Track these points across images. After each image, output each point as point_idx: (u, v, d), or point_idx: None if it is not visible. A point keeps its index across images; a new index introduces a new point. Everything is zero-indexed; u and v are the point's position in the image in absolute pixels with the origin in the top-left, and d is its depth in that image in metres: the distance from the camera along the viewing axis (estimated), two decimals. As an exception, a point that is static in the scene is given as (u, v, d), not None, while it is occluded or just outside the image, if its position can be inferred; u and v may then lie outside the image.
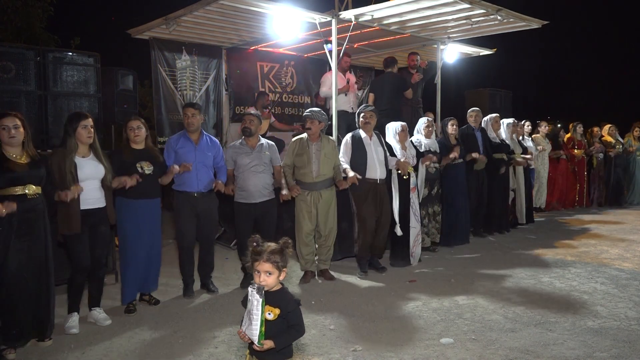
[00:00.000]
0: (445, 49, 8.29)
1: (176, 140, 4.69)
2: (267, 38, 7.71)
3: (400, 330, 3.80)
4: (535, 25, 7.16)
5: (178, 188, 4.65)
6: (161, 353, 3.49)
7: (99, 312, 4.09)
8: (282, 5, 6.10)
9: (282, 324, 2.28)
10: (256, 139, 4.95)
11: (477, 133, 7.07)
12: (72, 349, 3.58)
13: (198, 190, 4.62)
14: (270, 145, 5.04)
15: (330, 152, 5.07)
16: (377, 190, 5.25)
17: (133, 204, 4.29)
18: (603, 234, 7.19)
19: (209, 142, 4.77)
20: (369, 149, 5.26)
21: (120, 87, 5.93)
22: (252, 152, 4.88)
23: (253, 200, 4.85)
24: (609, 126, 10.04)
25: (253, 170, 4.84)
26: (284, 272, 2.35)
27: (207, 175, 4.68)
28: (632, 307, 4.19)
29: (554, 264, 5.59)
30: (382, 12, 6.50)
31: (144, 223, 4.33)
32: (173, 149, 4.63)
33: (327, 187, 5.07)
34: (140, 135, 4.32)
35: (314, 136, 5.05)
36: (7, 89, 4.66)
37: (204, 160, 4.65)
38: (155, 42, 7.57)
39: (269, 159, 4.96)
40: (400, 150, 5.63)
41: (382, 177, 5.28)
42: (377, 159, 5.25)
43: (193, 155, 4.60)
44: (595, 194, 9.69)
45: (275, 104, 8.99)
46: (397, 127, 5.72)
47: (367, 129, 5.33)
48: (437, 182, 6.25)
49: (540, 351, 3.40)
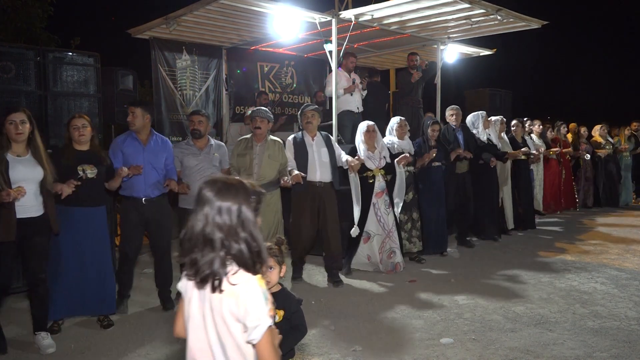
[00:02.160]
0: (445, 49, 8.30)
1: (123, 140, 4.27)
2: (268, 38, 7.71)
3: (401, 330, 3.80)
4: (535, 25, 7.17)
5: (124, 193, 4.26)
6: (161, 353, 3.49)
7: (43, 338, 3.55)
8: (282, 5, 6.10)
9: (287, 325, 2.26)
10: (205, 140, 4.65)
11: (458, 133, 6.61)
12: (72, 349, 3.58)
13: (146, 195, 4.22)
14: (219, 146, 4.76)
15: (275, 154, 4.82)
16: (319, 193, 4.98)
17: (70, 212, 3.78)
18: (603, 234, 7.19)
19: (159, 143, 4.37)
20: (310, 149, 5.03)
21: (120, 87, 5.93)
22: (200, 153, 4.57)
23: None
24: (600, 126, 9.82)
25: (201, 173, 4.47)
26: (284, 268, 2.35)
27: (156, 178, 4.27)
28: (632, 307, 4.19)
29: (554, 264, 5.59)
30: (382, 12, 6.51)
31: (84, 234, 3.84)
32: (120, 149, 4.21)
33: (268, 190, 4.67)
34: (86, 135, 3.86)
35: (261, 137, 4.81)
36: (7, 89, 4.67)
37: (153, 162, 4.25)
38: (155, 41, 7.57)
39: (218, 160, 4.65)
40: (366, 152, 5.33)
41: (324, 179, 5.01)
42: (318, 160, 5.00)
43: (141, 156, 4.19)
44: (581, 195, 9.42)
45: (276, 104, 8.99)
46: (363, 127, 5.45)
47: (309, 129, 5.09)
48: (411, 187, 5.77)
49: (540, 351, 3.40)
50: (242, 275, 1.54)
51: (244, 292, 1.51)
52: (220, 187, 1.57)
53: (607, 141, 9.77)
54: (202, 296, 1.55)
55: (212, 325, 1.54)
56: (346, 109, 7.22)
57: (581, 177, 9.40)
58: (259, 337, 1.52)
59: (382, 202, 5.33)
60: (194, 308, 1.56)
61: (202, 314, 1.56)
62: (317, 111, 5.15)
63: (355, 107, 7.50)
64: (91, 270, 3.89)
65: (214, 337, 1.54)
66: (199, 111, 4.80)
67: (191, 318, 1.58)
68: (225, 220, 1.53)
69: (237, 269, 1.54)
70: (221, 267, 1.52)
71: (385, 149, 5.51)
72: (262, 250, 1.54)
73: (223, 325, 1.53)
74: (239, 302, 1.51)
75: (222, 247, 1.53)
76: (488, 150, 6.72)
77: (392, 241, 5.36)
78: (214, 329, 1.54)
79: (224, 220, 1.53)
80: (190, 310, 1.57)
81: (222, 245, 1.53)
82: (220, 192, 1.55)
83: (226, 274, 1.52)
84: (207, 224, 1.52)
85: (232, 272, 1.53)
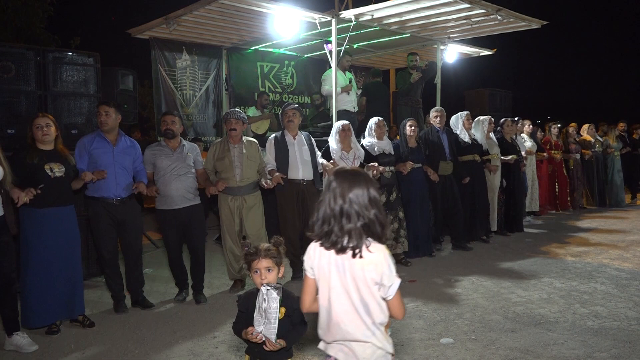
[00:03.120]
0: (445, 49, 8.30)
1: (90, 140, 4.16)
2: (268, 38, 7.72)
3: (400, 330, 3.80)
4: (535, 25, 7.17)
5: (93, 194, 4.15)
6: (161, 353, 3.49)
7: (22, 337, 3.54)
8: (282, 5, 6.11)
9: (288, 322, 2.28)
10: (177, 140, 4.57)
11: (442, 135, 6.32)
12: (72, 349, 3.58)
13: (117, 196, 4.16)
14: (192, 147, 4.68)
15: (254, 155, 4.79)
16: (302, 191, 5.00)
17: (38, 214, 3.71)
18: (602, 234, 7.19)
19: (128, 144, 4.35)
20: (292, 148, 5.02)
21: (120, 87, 5.92)
22: (173, 153, 4.48)
23: (176, 206, 4.42)
24: (588, 125, 9.73)
25: (175, 174, 4.42)
26: (282, 268, 2.36)
27: (126, 179, 4.23)
28: (632, 307, 4.19)
29: (554, 264, 5.59)
30: (382, 12, 6.51)
31: (53, 235, 3.77)
32: (86, 149, 4.10)
33: (251, 191, 4.78)
34: (50, 135, 3.78)
35: (237, 138, 4.74)
36: (7, 89, 4.67)
37: (123, 163, 4.21)
38: (155, 41, 7.58)
39: (192, 160, 4.58)
40: (340, 152, 5.29)
41: (306, 177, 5.03)
42: (300, 158, 5.01)
43: (110, 157, 4.14)
44: (574, 196, 9.31)
45: (276, 104, 9.00)
46: (338, 126, 5.38)
47: (290, 128, 5.07)
48: (394, 187, 5.63)
49: (540, 351, 3.40)
50: (375, 245, 1.88)
51: (380, 258, 1.85)
52: (351, 173, 1.92)
53: (597, 140, 9.66)
54: (341, 269, 1.88)
55: (355, 290, 1.87)
56: (342, 108, 7.23)
57: (573, 177, 9.27)
58: (393, 294, 1.89)
59: None
60: (334, 280, 1.89)
61: (342, 283, 1.89)
62: (298, 110, 5.12)
63: (352, 106, 7.52)
64: (62, 273, 3.82)
65: (357, 299, 1.88)
66: (171, 112, 4.83)
67: (333, 288, 1.90)
68: (359, 199, 1.86)
69: (371, 241, 1.87)
70: (359, 237, 1.85)
71: (360, 149, 5.45)
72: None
73: (366, 289, 1.87)
74: (377, 267, 1.85)
75: (358, 220, 1.85)
76: (473, 150, 6.54)
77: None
78: (357, 293, 1.88)
79: (358, 199, 1.86)
80: (331, 282, 1.90)
81: (358, 219, 1.85)
82: (353, 178, 1.89)
83: (364, 245, 1.86)
84: (345, 202, 1.85)
85: (367, 244, 1.86)
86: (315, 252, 1.94)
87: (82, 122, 5.13)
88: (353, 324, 1.88)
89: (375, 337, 1.89)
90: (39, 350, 3.54)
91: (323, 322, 1.95)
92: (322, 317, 1.95)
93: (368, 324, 1.88)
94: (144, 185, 4.24)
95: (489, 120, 6.93)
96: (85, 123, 5.13)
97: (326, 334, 1.94)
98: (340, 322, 1.89)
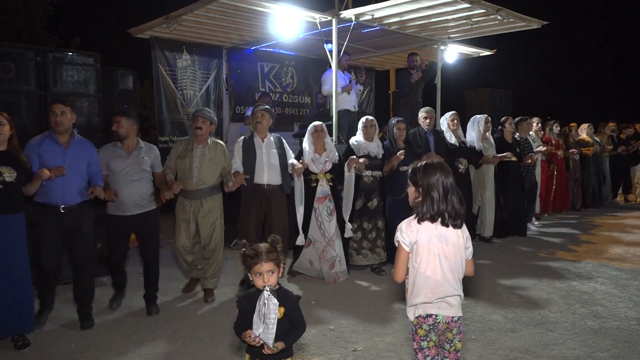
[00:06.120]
0: (445, 49, 8.31)
1: (39, 142, 3.81)
2: (268, 38, 7.72)
3: (401, 330, 3.80)
4: (535, 26, 7.17)
5: (39, 199, 3.78)
6: (161, 353, 3.49)
7: None
8: (282, 5, 6.11)
9: (287, 322, 2.28)
10: (134, 142, 4.26)
11: (430, 136, 6.13)
12: (72, 349, 3.58)
13: (65, 203, 3.79)
14: (150, 149, 4.38)
15: (217, 157, 4.57)
16: (265, 196, 4.80)
17: None
18: (601, 234, 7.19)
19: (81, 145, 3.98)
20: (259, 151, 4.82)
21: (120, 87, 5.93)
22: (129, 156, 4.18)
23: (128, 213, 4.14)
24: (587, 125, 9.67)
25: (129, 178, 4.13)
26: (282, 268, 2.37)
27: (77, 184, 3.86)
28: (632, 307, 4.19)
29: (554, 264, 5.59)
30: (382, 12, 6.52)
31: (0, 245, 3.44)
32: (35, 152, 3.74)
33: (209, 195, 4.54)
34: (3, 134, 3.46)
35: (202, 138, 4.54)
36: (7, 89, 4.67)
37: (75, 167, 3.83)
38: (155, 41, 7.59)
39: (149, 164, 4.29)
40: (313, 154, 5.08)
41: (272, 182, 4.82)
42: (267, 162, 4.81)
43: (61, 160, 3.76)
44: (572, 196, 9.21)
45: (276, 104, 9.00)
46: (311, 127, 5.16)
47: (258, 130, 4.85)
48: (376, 193, 5.37)
49: (540, 351, 3.40)
50: None
51: (464, 226, 2.39)
52: (440, 163, 2.39)
53: (594, 140, 9.65)
54: (443, 239, 2.32)
55: (453, 254, 2.35)
56: (343, 108, 7.24)
57: (571, 178, 9.18)
58: (471, 254, 2.43)
59: (324, 208, 5.06)
60: (436, 249, 2.32)
61: (443, 250, 2.33)
62: (268, 111, 4.93)
63: (352, 106, 7.53)
64: (7, 285, 3.49)
65: (453, 262, 2.35)
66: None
67: (436, 256, 2.33)
68: (449, 183, 2.33)
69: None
70: (460, 212, 2.34)
71: (334, 152, 5.21)
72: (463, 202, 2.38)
73: (460, 253, 2.37)
74: (464, 233, 2.38)
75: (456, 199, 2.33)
76: (460, 153, 6.30)
77: (333, 250, 5.05)
78: (453, 256, 2.35)
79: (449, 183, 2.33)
80: (434, 251, 2.32)
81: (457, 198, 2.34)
82: (441, 167, 2.36)
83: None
84: (448, 187, 2.32)
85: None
86: (413, 229, 2.34)
87: (82, 122, 5.13)
88: (451, 282, 2.35)
89: (461, 289, 2.41)
90: (38, 350, 3.54)
91: (422, 287, 2.34)
92: (421, 282, 2.34)
93: (459, 280, 2.39)
94: (101, 189, 3.86)
95: (485, 119, 6.64)
96: (86, 123, 5.12)
97: (428, 296, 2.33)
98: (444, 282, 2.33)
